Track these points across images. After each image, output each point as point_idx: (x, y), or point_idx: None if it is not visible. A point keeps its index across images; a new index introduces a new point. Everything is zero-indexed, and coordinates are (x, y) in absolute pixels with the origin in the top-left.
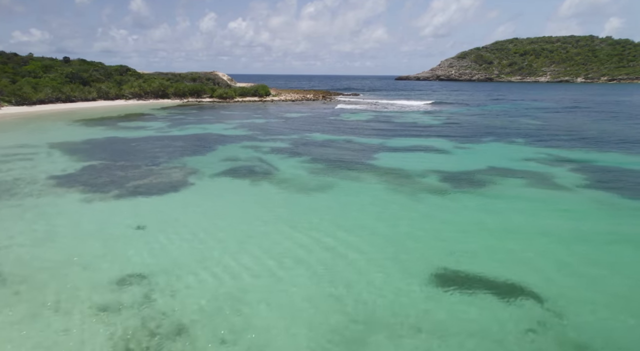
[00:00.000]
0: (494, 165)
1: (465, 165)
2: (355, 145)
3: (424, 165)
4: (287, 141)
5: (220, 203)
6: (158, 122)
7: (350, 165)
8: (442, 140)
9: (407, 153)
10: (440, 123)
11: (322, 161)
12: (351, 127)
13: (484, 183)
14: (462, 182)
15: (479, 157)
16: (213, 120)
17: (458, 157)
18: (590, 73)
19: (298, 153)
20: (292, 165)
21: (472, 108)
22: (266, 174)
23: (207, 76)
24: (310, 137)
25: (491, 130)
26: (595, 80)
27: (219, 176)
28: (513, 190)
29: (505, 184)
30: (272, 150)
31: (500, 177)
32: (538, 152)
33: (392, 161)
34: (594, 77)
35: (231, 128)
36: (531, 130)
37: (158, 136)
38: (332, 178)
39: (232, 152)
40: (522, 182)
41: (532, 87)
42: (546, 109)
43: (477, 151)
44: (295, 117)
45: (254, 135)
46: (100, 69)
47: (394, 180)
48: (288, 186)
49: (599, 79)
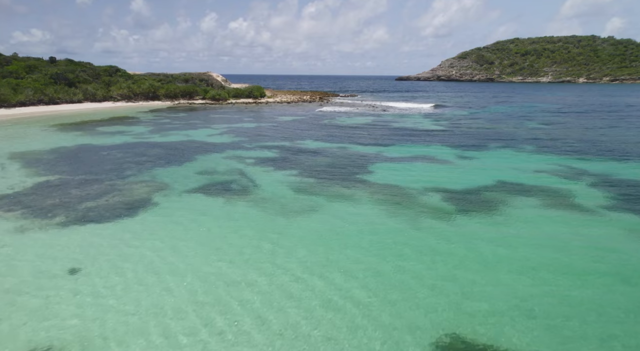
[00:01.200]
0: (503, 178)
1: (471, 180)
2: (349, 154)
3: (425, 180)
4: (275, 149)
5: (183, 234)
6: (140, 127)
7: (342, 181)
8: (444, 147)
9: (405, 165)
10: (442, 128)
11: (310, 175)
12: (346, 133)
13: (494, 204)
14: (469, 203)
15: (485, 169)
16: (200, 124)
17: (462, 170)
18: (593, 73)
19: (285, 165)
20: (276, 180)
21: (475, 110)
22: (244, 192)
23: (201, 77)
24: (301, 144)
25: (497, 136)
26: (597, 81)
27: (189, 194)
28: (528, 215)
29: (518, 206)
30: (257, 160)
31: (511, 195)
32: (550, 161)
33: (389, 175)
34: (596, 77)
35: (217, 134)
36: (540, 135)
37: (135, 143)
38: (321, 198)
39: (211, 163)
40: (537, 202)
41: (534, 87)
42: (553, 112)
43: (483, 161)
44: (288, 120)
45: (240, 142)
46: (88, 70)
47: (392, 200)
48: (268, 208)
49: (601, 79)
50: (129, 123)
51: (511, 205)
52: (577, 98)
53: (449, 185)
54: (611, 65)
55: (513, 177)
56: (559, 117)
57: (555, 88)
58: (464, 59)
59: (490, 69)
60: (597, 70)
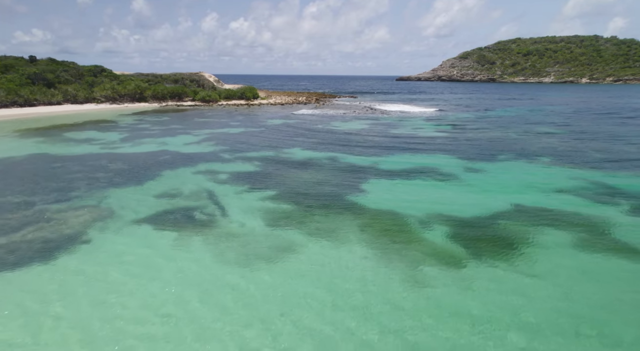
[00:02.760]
0: (520, 201)
1: (482, 204)
2: (340, 167)
3: (427, 204)
4: (256, 161)
5: (103, 292)
6: (113, 133)
7: (328, 206)
8: (448, 158)
9: (404, 181)
10: (445, 134)
11: (291, 197)
12: (340, 140)
13: (511, 239)
14: (482, 241)
15: (497, 187)
16: (180, 130)
17: (470, 188)
18: (595, 73)
19: (263, 184)
20: (248, 206)
21: (479, 113)
22: (206, 225)
23: (192, 77)
24: (288, 154)
25: (506, 144)
26: (600, 81)
27: (135, 227)
28: (555, 255)
29: (544, 244)
30: (232, 177)
31: (534, 226)
32: (572, 176)
33: (385, 196)
34: (599, 77)
35: (196, 142)
36: (554, 143)
37: (99, 154)
38: (299, 234)
39: (176, 182)
40: (568, 237)
41: (537, 88)
42: (563, 114)
43: (494, 176)
44: (278, 124)
45: (218, 152)
46: (71, 70)
47: (386, 237)
48: (229, 251)
49: (604, 80)
50: (103, 129)
51: (535, 243)
52: (585, 100)
53: (455, 211)
54: (614, 65)
55: (532, 198)
56: (572, 120)
57: (559, 89)
58: (465, 59)
59: (491, 69)
60: (600, 71)
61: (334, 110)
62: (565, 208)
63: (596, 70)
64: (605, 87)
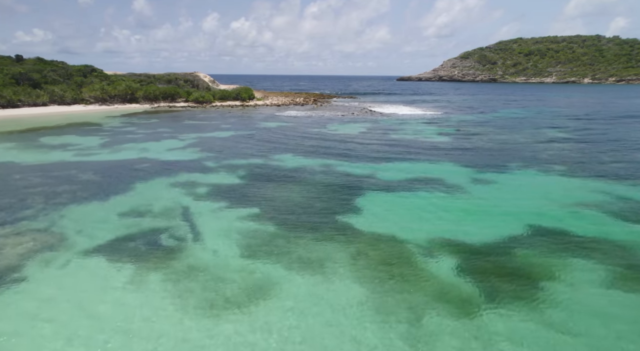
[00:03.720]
0: (536, 220)
1: (493, 225)
2: (333, 178)
3: (430, 225)
4: (241, 171)
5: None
6: (94, 138)
7: (317, 228)
8: (453, 167)
9: (404, 195)
10: (449, 139)
11: (275, 217)
12: (335, 145)
13: (531, 275)
14: (494, 273)
15: (510, 204)
16: (167, 134)
17: (479, 204)
18: (598, 74)
19: (246, 198)
20: (225, 228)
21: (483, 115)
22: (172, 254)
23: (186, 77)
24: (278, 161)
25: (515, 150)
26: (602, 81)
27: (90, 257)
28: (588, 298)
29: (568, 276)
30: (212, 191)
31: (554, 253)
32: (593, 189)
33: (382, 215)
34: (601, 77)
35: (180, 147)
36: (567, 149)
37: (70, 163)
38: (279, 268)
39: (148, 196)
40: (596, 268)
41: (540, 88)
42: (572, 117)
43: (505, 189)
44: (271, 127)
45: (202, 159)
46: (60, 69)
47: (384, 270)
48: (197, 290)
49: (607, 80)
50: (84, 133)
51: (561, 279)
52: (593, 101)
53: (463, 235)
54: (617, 65)
55: (550, 217)
56: (582, 123)
57: (563, 89)
58: (467, 59)
59: (493, 69)
60: (603, 71)
61: (332, 112)
62: (591, 230)
63: (598, 70)
64: (609, 88)
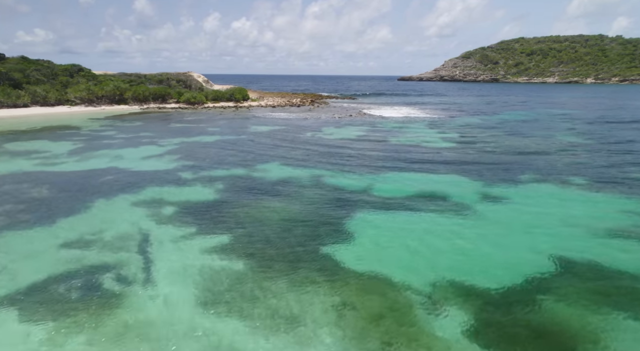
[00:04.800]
0: (562, 251)
1: (511, 261)
2: (321, 194)
3: (431, 264)
4: (219, 184)
5: None
6: (66, 143)
7: (296, 265)
8: (459, 180)
9: (402, 221)
10: (452, 145)
11: (248, 248)
12: (328, 153)
13: (564, 340)
14: (517, 336)
15: (528, 230)
16: (147, 138)
17: (492, 233)
18: (601, 73)
19: (218, 221)
20: (186, 265)
21: (488, 118)
22: (111, 303)
23: (179, 77)
24: (261, 172)
25: (527, 159)
26: (606, 81)
27: (3, 304)
28: None
29: (613, 340)
30: (181, 210)
31: (589, 301)
32: (625, 209)
33: (375, 249)
34: (604, 77)
35: (157, 155)
36: (585, 157)
37: (28, 173)
38: (245, 325)
39: (105, 217)
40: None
41: (543, 88)
42: (583, 120)
43: (521, 210)
44: (262, 131)
45: (179, 169)
46: (44, 69)
47: (377, 332)
48: None
49: (610, 80)
50: (57, 137)
51: (597, 336)
52: (602, 101)
53: (473, 277)
54: (620, 65)
55: (579, 248)
56: (596, 126)
57: (567, 90)
58: (468, 59)
59: (494, 69)
60: (606, 71)
61: (328, 114)
62: (630, 265)
63: (601, 70)
64: (613, 88)
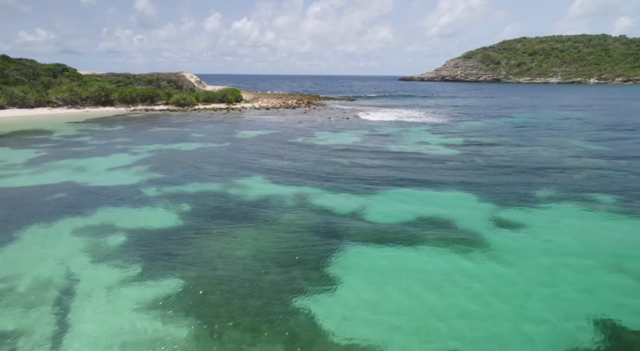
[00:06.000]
0: (603, 314)
1: (541, 329)
2: (304, 217)
3: (435, 334)
4: (186, 204)
5: None
6: (28, 151)
7: (259, 331)
8: (465, 197)
9: (398, 254)
10: (457, 153)
11: (201, 304)
12: (317, 162)
13: None
14: None
15: (556, 271)
16: (121, 145)
17: (510, 281)
18: (604, 74)
19: (171, 261)
20: (113, 334)
21: (495, 121)
22: None
23: (170, 78)
24: (239, 189)
25: (542, 171)
26: (609, 81)
27: None
28: None
29: None
30: (129, 243)
31: None
32: None
33: (364, 297)
34: (608, 77)
35: (126, 166)
36: (607, 168)
37: None
38: None
39: (27, 255)
40: None
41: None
42: (598, 124)
43: (543, 243)
44: (249, 138)
45: (144, 184)
46: (26, 68)
47: None
48: None
49: (614, 80)
50: (22, 144)
51: None
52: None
53: None
54: (624, 65)
55: (630, 308)
56: (616, 132)
57: (571, 90)
58: (470, 59)
59: (496, 69)
60: (609, 71)
61: (324, 117)
62: None
63: (605, 70)
64: (618, 88)
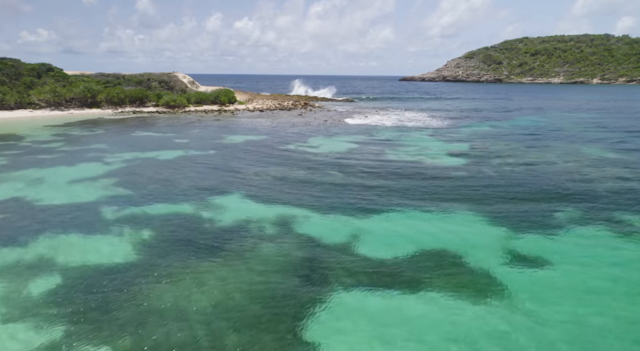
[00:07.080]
0: None
1: None
2: (286, 251)
3: None
4: (150, 230)
5: None
6: None
7: None
8: (473, 221)
9: (394, 305)
10: (463, 163)
11: None
12: (308, 175)
13: None
14: None
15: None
16: (94, 153)
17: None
18: (607, 74)
19: (114, 316)
20: None
21: (501, 124)
22: None
23: (161, 78)
24: (215, 210)
25: (559, 183)
26: (612, 82)
27: None
28: None
29: None
30: (65, 285)
31: None
32: None
33: None
34: (611, 78)
35: (90, 178)
36: (630, 178)
37: None
38: None
39: None
40: None
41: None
42: (612, 128)
43: (566, 287)
44: (236, 144)
45: (107, 202)
46: (8, 68)
47: None
48: None
49: (617, 80)
50: None
51: None
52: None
53: None
54: (627, 65)
55: None
56: (629, 136)
57: (575, 90)
58: (471, 59)
59: (498, 69)
60: (612, 71)
61: (320, 120)
62: None
63: (608, 70)
64: (622, 88)
